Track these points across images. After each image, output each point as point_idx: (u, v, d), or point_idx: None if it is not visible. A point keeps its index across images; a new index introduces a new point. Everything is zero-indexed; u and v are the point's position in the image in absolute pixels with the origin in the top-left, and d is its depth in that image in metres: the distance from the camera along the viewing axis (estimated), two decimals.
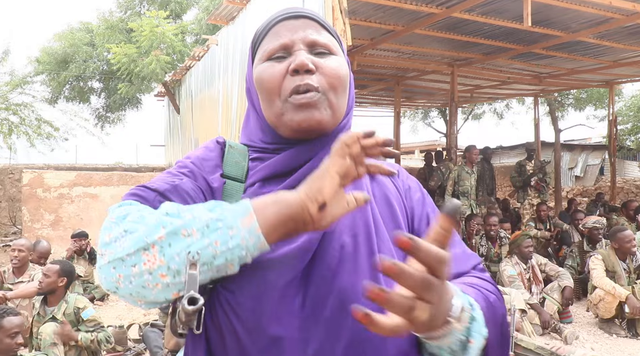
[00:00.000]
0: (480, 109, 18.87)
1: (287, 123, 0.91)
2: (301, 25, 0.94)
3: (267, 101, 0.93)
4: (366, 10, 6.05)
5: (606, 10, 5.91)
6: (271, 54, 0.93)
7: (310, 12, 0.96)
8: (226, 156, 0.97)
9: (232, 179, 0.94)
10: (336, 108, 0.92)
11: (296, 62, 0.89)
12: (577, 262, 6.36)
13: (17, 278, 4.81)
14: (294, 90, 0.89)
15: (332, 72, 0.92)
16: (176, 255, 0.74)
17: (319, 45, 0.93)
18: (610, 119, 10.82)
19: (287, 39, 0.92)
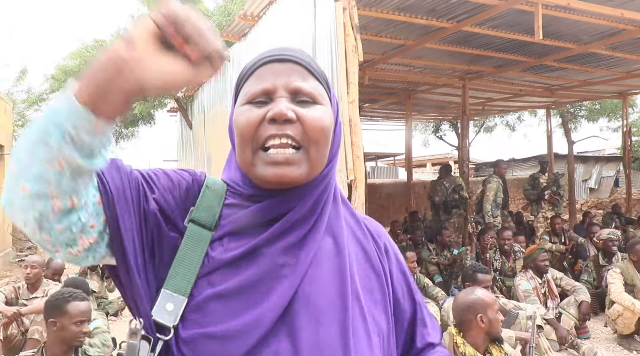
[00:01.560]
0: (492, 122, 18.78)
1: (257, 175, 0.87)
2: (285, 71, 0.88)
3: (240, 147, 0.88)
4: (377, 26, 6.09)
5: (618, 22, 5.89)
6: (252, 98, 0.88)
7: (298, 56, 0.90)
8: (200, 199, 0.89)
9: (199, 225, 0.87)
10: (315, 163, 0.87)
11: (275, 110, 0.84)
12: (593, 277, 6.27)
13: (31, 293, 4.85)
14: (269, 137, 0.84)
15: (314, 123, 0.86)
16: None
17: (302, 93, 0.87)
18: (625, 130, 10.72)
19: (270, 83, 0.87)
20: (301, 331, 0.82)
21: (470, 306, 2.90)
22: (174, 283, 0.83)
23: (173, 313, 0.81)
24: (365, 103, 11.25)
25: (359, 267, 0.94)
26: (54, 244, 0.76)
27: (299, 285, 0.84)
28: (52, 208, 0.73)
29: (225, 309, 0.82)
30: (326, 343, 0.83)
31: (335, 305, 0.86)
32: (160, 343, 0.80)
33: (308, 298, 0.85)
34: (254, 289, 0.83)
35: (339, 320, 0.85)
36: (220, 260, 0.85)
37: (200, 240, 0.86)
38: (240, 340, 0.79)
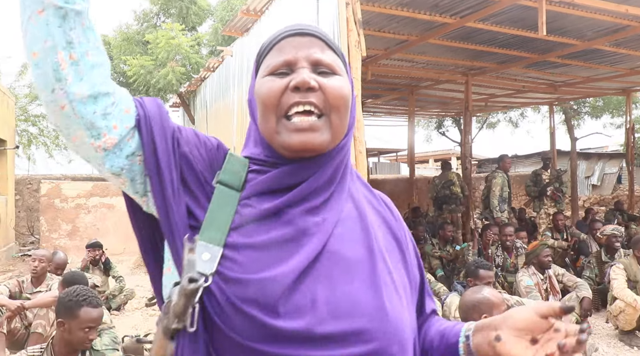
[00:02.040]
0: (495, 118, 18.76)
1: (281, 143, 0.90)
2: (306, 43, 0.92)
3: (263, 115, 0.92)
4: (380, 21, 6.07)
5: (622, 17, 5.87)
6: (274, 69, 0.92)
7: (317, 31, 0.95)
8: (226, 164, 0.93)
9: (226, 186, 0.91)
10: (337, 130, 0.91)
11: (298, 79, 0.88)
12: (595, 273, 6.27)
13: (35, 287, 4.87)
14: (293, 105, 0.88)
15: (335, 92, 0.90)
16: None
17: (322, 64, 0.92)
18: (628, 127, 10.69)
19: (291, 55, 0.91)
20: (334, 280, 0.85)
21: (475, 305, 2.89)
22: (208, 234, 0.85)
23: (210, 261, 0.83)
24: (367, 99, 11.24)
25: (378, 230, 0.98)
26: (80, 118, 0.80)
27: (327, 242, 0.87)
28: (58, 59, 0.78)
29: (258, 258, 0.84)
30: (360, 291, 0.85)
31: (363, 259, 0.89)
32: (200, 289, 0.81)
33: (337, 253, 0.87)
34: (284, 244, 0.86)
35: (368, 272, 0.88)
36: (250, 216, 0.88)
37: (229, 198, 0.89)
38: (277, 283, 0.81)
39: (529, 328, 0.87)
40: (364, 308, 0.84)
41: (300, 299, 0.82)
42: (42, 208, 10.09)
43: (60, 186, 10.27)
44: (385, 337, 0.85)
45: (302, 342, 0.80)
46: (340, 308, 0.83)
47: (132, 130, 0.86)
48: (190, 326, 0.79)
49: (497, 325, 0.90)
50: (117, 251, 9.64)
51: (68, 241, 9.97)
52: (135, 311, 6.54)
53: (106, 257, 6.63)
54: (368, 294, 0.86)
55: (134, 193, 0.90)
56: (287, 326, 0.80)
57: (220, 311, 0.81)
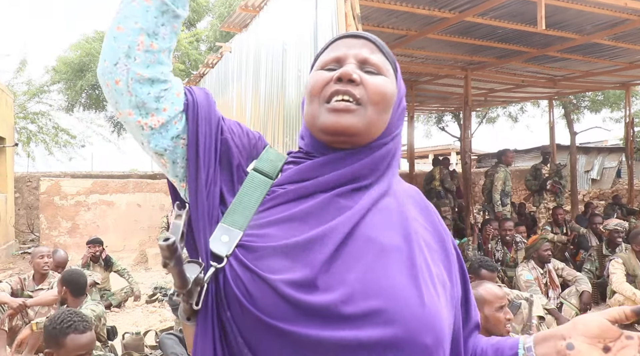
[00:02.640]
0: (495, 113, 18.74)
1: (319, 126, 0.93)
2: (358, 44, 0.97)
3: (308, 103, 0.97)
4: (379, 16, 6.06)
5: (621, 11, 5.86)
6: (324, 64, 0.97)
7: (371, 35, 0.99)
8: (263, 154, 0.98)
9: (261, 173, 0.94)
10: (372, 121, 0.93)
11: (341, 70, 0.93)
12: (596, 266, 6.28)
13: (37, 285, 4.88)
14: (334, 94, 0.92)
15: (376, 88, 0.93)
16: None
17: (369, 63, 0.95)
18: (627, 121, 10.69)
19: (341, 52, 0.96)
20: (366, 261, 0.83)
21: None
22: (230, 218, 0.87)
23: (227, 244, 0.84)
24: None
25: (420, 227, 0.96)
26: (132, 96, 0.85)
27: (358, 224, 0.87)
28: (138, 41, 0.85)
29: (285, 229, 0.85)
30: (394, 275, 0.83)
31: (399, 247, 0.87)
32: (211, 269, 0.82)
33: (370, 237, 0.86)
34: (312, 218, 0.87)
35: (405, 259, 0.86)
36: (280, 198, 0.90)
37: (261, 184, 0.92)
38: (306, 253, 0.82)
39: (601, 335, 0.85)
40: (396, 292, 0.81)
41: (329, 274, 0.81)
42: (42, 206, 10.08)
43: (60, 183, 10.26)
44: (418, 325, 0.80)
45: (327, 320, 0.78)
46: (371, 288, 0.80)
47: (180, 113, 0.89)
48: (196, 304, 0.80)
49: (566, 334, 0.88)
50: (117, 248, 9.65)
51: (68, 238, 9.97)
52: (136, 308, 6.55)
53: (107, 254, 6.64)
54: (402, 279, 0.83)
55: (173, 176, 0.93)
56: (313, 301, 0.78)
57: (239, 283, 0.80)
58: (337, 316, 0.78)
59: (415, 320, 0.80)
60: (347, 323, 0.78)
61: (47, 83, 16.12)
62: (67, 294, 3.95)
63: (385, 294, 0.80)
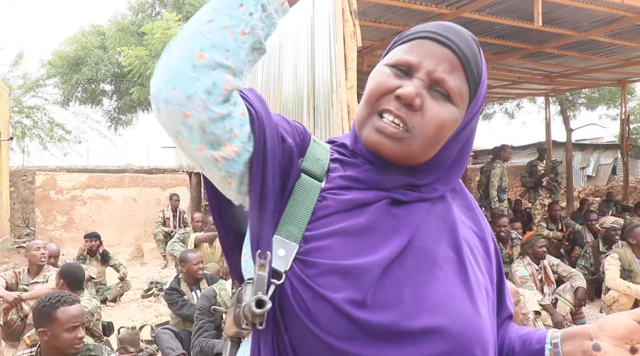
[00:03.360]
0: (491, 109, 18.77)
1: (362, 135, 0.89)
2: (440, 55, 0.86)
3: (363, 104, 0.90)
4: (376, 11, 6.05)
5: (618, 8, 5.86)
6: (394, 63, 0.88)
7: (460, 45, 0.87)
8: (309, 150, 0.91)
9: (309, 175, 0.89)
10: (415, 151, 0.86)
11: (404, 90, 0.84)
12: (591, 262, 6.31)
13: (32, 278, 4.88)
14: (384, 110, 0.85)
15: (434, 122, 0.84)
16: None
17: (442, 86, 0.85)
18: (623, 118, 10.72)
19: (417, 60, 0.86)
20: (420, 276, 0.82)
21: None
22: (285, 229, 0.83)
23: (284, 258, 0.80)
24: (364, 90, 11.19)
25: (466, 229, 0.95)
26: (204, 135, 0.76)
27: (413, 237, 0.84)
28: (225, 81, 0.75)
29: (344, 243, 0.82)
30: (447, 289, 0.82)
31: (451, 258, 0.86)
32: (272, 287, 0.79)
33: (423, 249, 0.85)
34: (369, 232, 0.83)
35: (457, 271, 0.85)
36: (333, 207, 0.85)
37: (311, 189, 0.87)
38: (366, 272, 0.79)
39: (628, 336, 0.83)
40: (453, 306, 0.81)
41: (387, 292, 0.79)
42: (37, 200, 10.06)
43: (56, 177, 10.23)
44: (469, 337, 0.81)
45: (387, 339, 0.77)
46: (427, 303, 0.80)
47: (249, 134, 0.81)
48: (260, 325, 0.77)
49: (592, 334, 0.87)
50: (113, 242, 9.64)
51: (64, 232, 9.95)
52: (132, 302, 6.55)
53: (104, 249, 6.63)
54: (457, 292, 0.83)
55: (237, 192, 0.86)
56: (373, 319, 0.77)
57: (300, 301, 0.78)
58: (397, 334, 0.77)
59: (471, 332, 0.81)
60: (406, 341, 0.77)
61: (42, 77, 16.07)
62: (65, 287, 3.97)
63: (442, 309, 0.80)
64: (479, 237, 0.97)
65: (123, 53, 11.29)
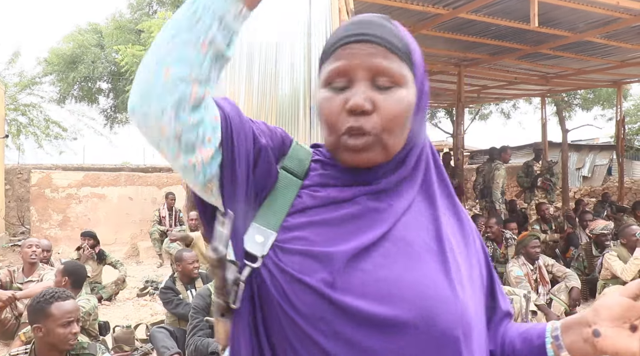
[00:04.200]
0: (487, 110, 18.82)
1: (339, 158, 0.91)
2: (367, 52, 0.87)
3: (326, 131, 0.91)
4: (372, 11, 5.99)
5: (614, 10, 5.89)
6: (330, 80, 0.90)
7: (378, 35, 0.88)
8: (291, 151, 0.96)
9: (290, 173, 0.93)
10: (390, 147, 0.89)
11: (351, 102, 0.85)
12: (585, 265, 6.34)
13: (26, 277, 4.86)
14: (346, 131, 0.87)
15: (392, 113, 0.87)
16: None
17: (383, 75, 0.87)
18: (618, 119, 10.76)
19: (347, 65, 0.87)
20: (399, 264, 0.84)
21: None
22: (264, 218, 0.87)
23: (262, 244, 0.85)
24: None
25: (448, 222, 0.96)
26: (180, 143, 0.80)
27: (393, 227, 0.87)
28: (191, 93, 0.78)
29: (321, 233, 0.85)
30: (425, 277, 0.84)
31: (431, 249, 0.87)
32: (247, 269, 0.83)
33: (403, 239, 0.87)
34: (348, 222, 0.87)
35: (437, 260, 0.86)
36: (313, 202, 0.89)
37: (291, 185, 0.91)
38: (336, 257, 0.82)
39: (625, 315, 0.83)
40: (431, 290, 0.82)
41: (361, 276, 0.81)
42: (33, 198, 10.03)
43: (51, 175, 10.21)
44: (448, 320, 0.82)
45: (362, 321, 0.79)
46: (403, 288, 0.81)
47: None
48: (233, 303, 0.81)
49: (590, 320, 0.86)
50: (109, 241, 9.61)
51: (59, 231, 9.93)
52: (127, 301, 6.54)
53: (100, 249, 6.61)
54: (435, 279, 0.84)
55: (219, 197, 0.88)
56: (347, 301, 0.79)
57: (277, 285, 0.81)
58: (372, 318, 0.79)
59: (450, 315, 0.82)
60: (382, 325, 0.80)
61: (39, 75, 16.01)
62: (68, 284, 4.00)
63: (418, 293, 0.82)
64: (462, 231, 0.98)
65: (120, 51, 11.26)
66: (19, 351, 2.78)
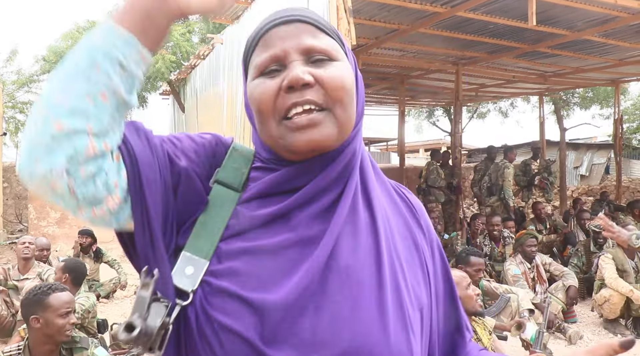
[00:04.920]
0: (485, 108, 18.81)
1: (287, 147, 0.81)
2: (294, 32, 0.81)
3: (262, 122, 0.82)
4: (370, 10, 6.05)
5: (612, 8, 5.89)
6: (263, 68, 0.82)
7: (304, 15, 0.84)
8: (226, 160, 0.85)
9: (225, 186, 0.83)
10: (344, 122, 0.81)
11: (290, 77, 0.78)
12: (583, 262, 6.35)
13: (22, 274, 4.86)
14: (291, 107, 0.78)
15: (335, 82, 0.80)
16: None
17: (316, 51, 0.81)
18: (616, 117, 10.77)
19: (279, 49, 0.81)
20: (338, 304, 0.77)
21: None
22: (195, 245, 0.78)
23: (192, 276, 0.76)
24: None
25: (399, 237, 0.89)
26: (77, 198, 0.70)
27: (333, 253, 0.79)
28: (87, 147, 0.69)
29: (257, 266, 0.77)
30: (364, 318, 0.77)
31: (372, 274, 0.80)
32: (177, 308, 0.74)
33: (342, 267, 0.79)
34: (286, 251, 0.78)
35: (375, 291, 0.79)
36: (250, 221, 0.80)
37: (226, 201, 0.82)
38: (278, 309, 0.74)
39: None
40: (366, 339, 0.76)
41: (298, 328, 0.74)
42: (31, 196, 10.01)
43: None
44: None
45: None
46: (339, 338, 0.75)
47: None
48: (159, 348, 0.72)
49: None
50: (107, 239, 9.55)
51: (57, 229, 9.91)
52: (125, 299, 6.54)
53: (97, 246, 6.61)
54: (372, 320, 0.78)
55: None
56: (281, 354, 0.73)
57: (202, 332, 0.74)
58: None
59: (375, 351, 0.77)
60: None
61: (37, 73, 15.96)
62: (68, 281, 4.01)
63: (355, 337, 0.76)
64: (414, 243, 0.92)
65: None
66: (11, 349, 2.76)
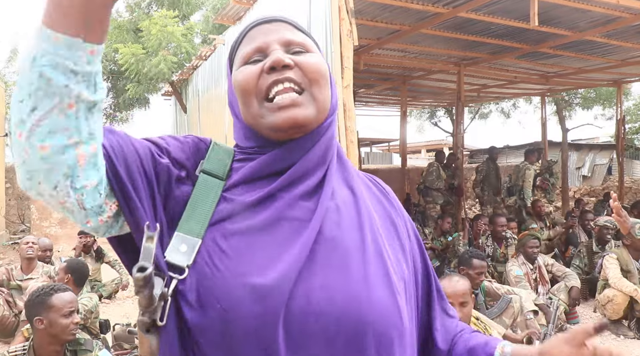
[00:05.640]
0: (487, 109, 18.81)
1: (268, 125, 0.88)
2: (275, 28, 0.93)
3: (244, 103, 0.91)
4: (372, 10, 6.05)
5: (614, 9, 5.88)
6: (247, 58, 0.92)
7: (284, 17, 0.96)
8: (209, 153, 0.91)
9: (210, 175, 0.88)
10: (321, 104, 0.90)
11: (272, 58, 0.88)
12: (585, 262, 6.34)
13: (25, 274, 4.87)
14: (272, 85, 0.87)
15: (312, 66, 0.90)
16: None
17: (294, 44, 0.92)
18: (618, 118, 10.75)
19: (261, 41, 0.92)
20: (331, 273, 0.82)
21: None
22: (186, 226, 0.83)
23: (187, 253, 0.80)
24: (360, 88, 11.22)
25: (377, 215, 0.96)
26: (86, 211, 0.75)
27: (321, 228, 0.84)
28: (78, 156, 0.72)
29: (248, 246, 0.81)
30: (354, 282, 0.83)
31: (356, 245, 0.86)
32: (174, 282, 0.79)
33: (333, 240, 0.85)
34: (274, 232, 0.83)
35: (361, 259, 0.85)
36: (237, 205, 0.85)
37: (212, 188, 0.87)
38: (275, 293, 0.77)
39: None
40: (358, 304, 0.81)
41: (295, 299, 0.78)
42: None
43: None
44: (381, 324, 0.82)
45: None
46: (333, 304, 0.80)
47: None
48: (160, 320, 0.77)
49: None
50: None
51: (59, 229, 9.93)
52: (127, 299, 6.54)
53: (98, 246, 6.62)
54: (361, 285, 0.83)
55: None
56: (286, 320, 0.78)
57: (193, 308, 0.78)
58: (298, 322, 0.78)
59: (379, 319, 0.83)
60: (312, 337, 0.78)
61: None
62: (71, 282, 4.03)
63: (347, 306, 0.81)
64: (391, 224, 0.99)
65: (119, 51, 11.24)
66: (17, 349, 2.77)
